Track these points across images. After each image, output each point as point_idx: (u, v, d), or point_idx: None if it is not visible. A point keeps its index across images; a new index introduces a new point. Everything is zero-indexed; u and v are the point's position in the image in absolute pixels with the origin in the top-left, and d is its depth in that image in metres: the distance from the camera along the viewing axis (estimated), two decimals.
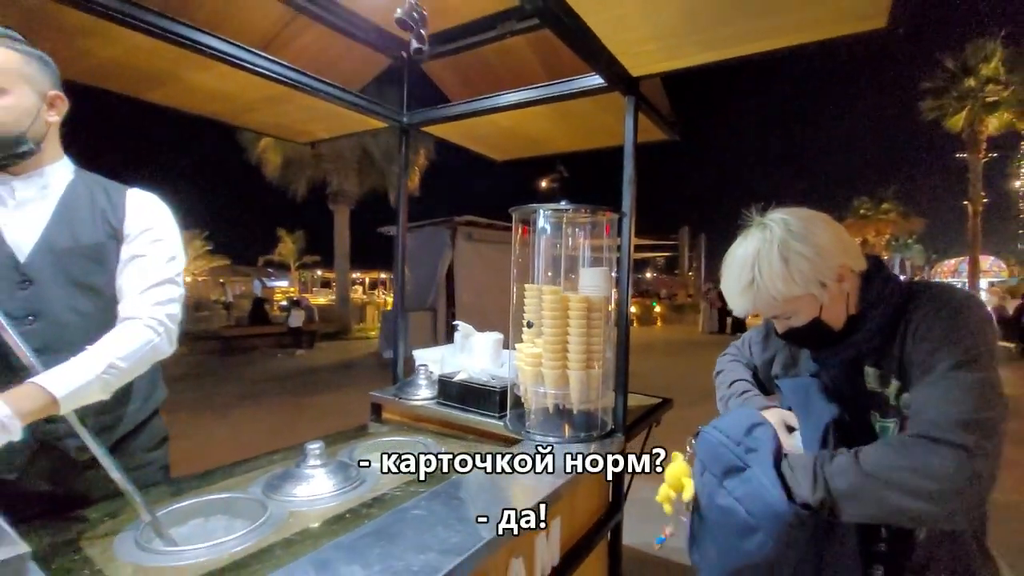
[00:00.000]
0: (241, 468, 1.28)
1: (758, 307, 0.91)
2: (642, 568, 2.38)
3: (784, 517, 0.78)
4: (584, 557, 1.26)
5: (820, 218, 0.90)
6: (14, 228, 0.97)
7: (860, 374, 0.91)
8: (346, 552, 0.81)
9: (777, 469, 0.83)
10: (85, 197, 1.05)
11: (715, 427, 0.95)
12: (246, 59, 1.38)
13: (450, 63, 1.98)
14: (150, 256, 1.07)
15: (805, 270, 0.84)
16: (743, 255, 0.89)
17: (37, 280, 0.97)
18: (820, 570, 0.82)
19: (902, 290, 0.88)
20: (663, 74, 1.40)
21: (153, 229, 1.09)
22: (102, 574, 0.82)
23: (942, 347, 0.78)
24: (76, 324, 1.00)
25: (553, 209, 1.44)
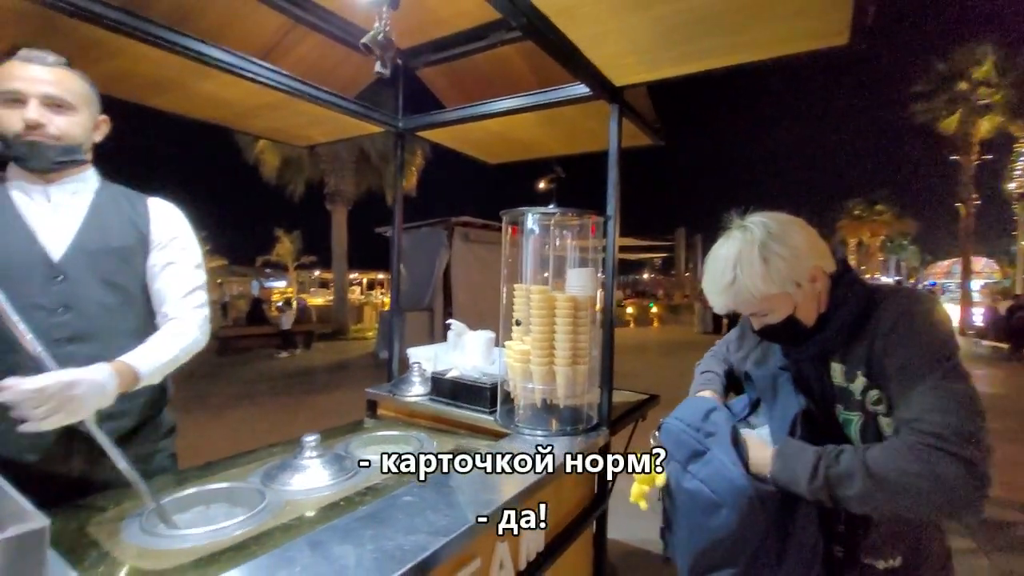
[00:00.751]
0: (241, 460, 1.33)
1: (737, 305, 0.96)
2: (627, 559, 2.44)
3: (745, 491, 0.84)
4: (569, 544, 1.31)
5: (796, 222, 0.96)
6: (49, 229, 1.08)
7: (827, 369, 0.96)
8: (340, 533, 0.87)
9: (736, 448, 0.89)
10: (112, 204, 1.18)
11: (675, 417, 1.01)
12: (247, 68, 1.44)
13: (444, 70, 2.05)
14: (182, 264, 1.23)
15: (782, 270, 0.90)
16: (725, 255, 0.94)
17: (70, 276, 1.08)
18: (784, 551, 0.87)
19: (866, 291, 0.94)
20: (645, 84, 1.46)
21: (179, 237, 1.24)
22: (109, 555, 0.88)
23: (924, 354, 0.82)
24: (101, 316, 1.12)
25: (541, 212, 1.50)
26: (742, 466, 0.87)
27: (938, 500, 0.76)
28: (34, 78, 1.04)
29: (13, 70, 1.03)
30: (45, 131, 1.05)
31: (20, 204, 1.07)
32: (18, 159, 1.06)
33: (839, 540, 0.91)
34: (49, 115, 1.05)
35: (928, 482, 0.76)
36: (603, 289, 1.56)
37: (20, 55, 1.04)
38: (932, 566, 0.92)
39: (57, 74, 1.06)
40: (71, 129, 1.08)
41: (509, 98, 1.74)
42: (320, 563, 0.77)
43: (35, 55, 1.05)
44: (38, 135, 1.04)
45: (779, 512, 0.87)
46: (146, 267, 1.20)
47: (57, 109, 1.06)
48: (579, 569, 1.51)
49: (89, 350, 1.05)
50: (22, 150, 1.04)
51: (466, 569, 0.96)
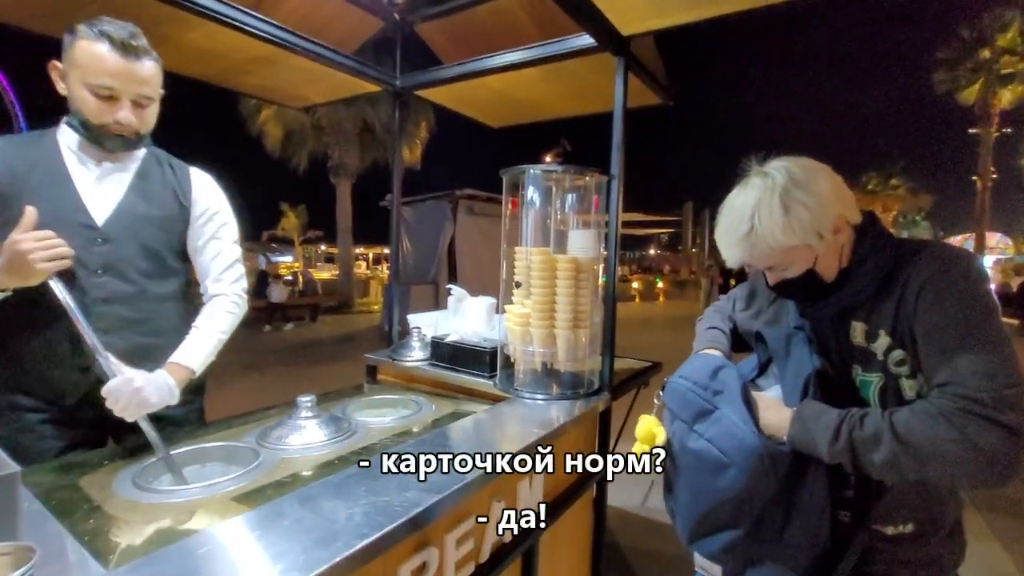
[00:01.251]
0: (237, 421, 1.33)
1: (753, 257, 0.90)
2: (626, 525, 2.46)
3: (756, 450, 0.80)
4: (568, 507, 1.30)
5: (822, 168, 0.88)
6: (96, 193, 1.11)
7: (846, 328, 0.91)
8: (332, 489, 0.85)
9: (747, 405, 0.85)
10: (157, 172, 1.21)
11: (680, 376, 0.96)
12: (234, 17, 1.37)
13: (444, 25, 1.96)
14: (224, 239, 1.29)
15: (805, 220, 0.83)
16: (743, 204, 0.87)
17: (111, 240, 1.12)
18: (789, 514, 0.84)
19: (894, 246, 0.87)
20: (652, 32, 1.38)
21: (221, 212, 1.29)
22: (100, 509, 0.87)
23: (955, 316, 0.76)
24: (138, 280, 1.16)
25: (543, 170, 1.45)
26: (753, 425, 0.83)
27: (973, 468, 0.71)
28: (132, 77, 1.04)
29: (106, 63, 1.01)
30: (131, 127, 1.07)
31: (71, 167, 1.09)
32: (93, 140, 1.08)
33: (847, 505, 0.88)
34: (139, 112, 1.08)
35: (963, 449, 0.70)
36: (606, 251, 1.51)
37: (116, 43, 1.01)
38: (943, 535, 0.89)
39: (150, 71, 1.07)
40: (151, 121, 1.13)
41: (511, 51, 1.67)
42: (309, 517, 0.76)
43: (132, 47, 1.03)
44: (124, 131, 1.07)
45: (788, 475, 0.83)
46: (186, 237, 1.25)
47: (143, 107, 1.09)
48: (579, 531, 1.51)
49: (123, 311, 1.14)
50: (103, 138, 1.07)
51: (461, 527, 0.95)
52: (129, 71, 1.03)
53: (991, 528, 2.58)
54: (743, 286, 1.21)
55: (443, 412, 1.44)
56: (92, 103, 1.03)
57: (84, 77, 1.01)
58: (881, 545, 0.88)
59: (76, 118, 1.06)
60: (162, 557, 0.66)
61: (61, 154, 1.09)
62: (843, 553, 0.85)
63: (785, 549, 0.84)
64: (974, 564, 2.25)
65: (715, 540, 0.89)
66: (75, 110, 1.05)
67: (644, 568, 2.15)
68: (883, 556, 0.88)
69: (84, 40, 1.00)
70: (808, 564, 0.85)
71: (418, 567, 0.85)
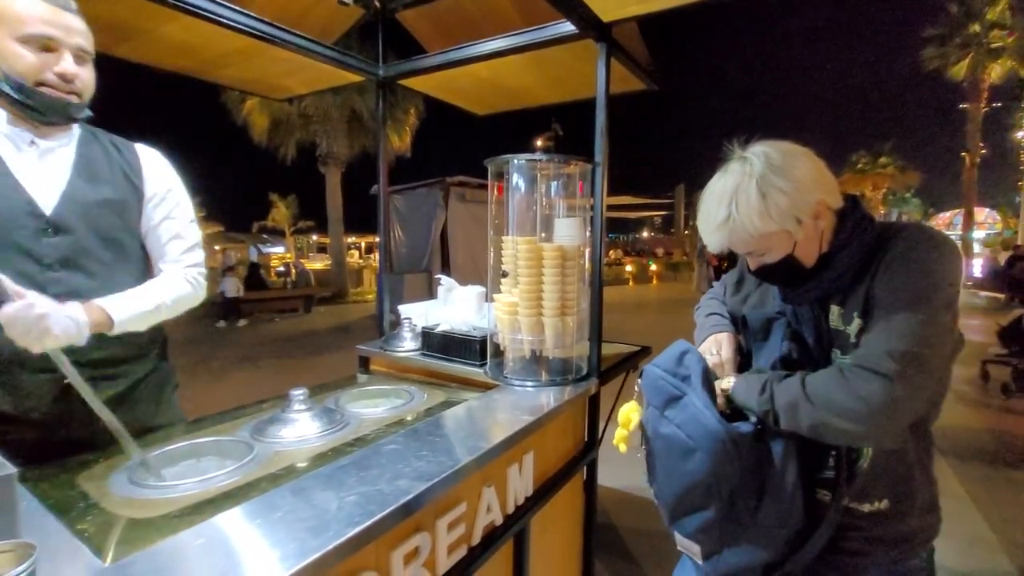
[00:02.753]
0: (231, 415, 1.34)
1: (732, 243, 0.90)
2: (622, 505, 2.52)
3: (718, 435, 0.84)
4: (558, 490, 1.34)
5: (802, 152, 0.88)
6: (36, 178, 1.01)
7: (825, 311, 0.92)
8: (324, 480, 0.87)
9: (707, 389, 0.88)
10: (100, 151, 1.11)
11: (654, 364, 0.98)
12: (210, 9, 1.35)
13: (426, 12, 1.94)
14: (180, 219, 1.21)
15: (783, 205, 0.83)
16: (721, 190, 0.88)
17: (65, 230, 1.02)
18: (762, 497, 0.87)
19: (875, 230, 0.88)
20: (634, 18, 1.38)
21: (174, 190, 1.21)
22: (97, 505, 0.88)
23: (901, 284, 0.79)
24: (99, 273, 1.08)
25: (527, 159, 1.45)
26: (715, 408, 0.86)
27: (855, 415, 0.77)
28: (70, 27, 0.97)
29: (42, 10, 0.94)
30: (74, 86, 1.00)
31: (3, 152, 0.99)
32: (32, 108, 0.98)
33: (825, 485, 0.90)
34: (80, 69, 1.00)
35: (846, 395, 0.78)
36: (591, 238, 1.53)
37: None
38: (918, 511, 0.91)
39: (82, 22, 1.01)
40: (91, 84, 1.04)
41: (494, 39, 1.66)
42: (302, 507, 0.78)
43: (64, 0, 0.98)
44: (67, 89, 0.99)
45: (755, 458, 0.86)
46: (140, 220, 1.16)
47: (82, 62, 1.01)
48: (570, 513, 1.55)
49: None
50: (45, 102, 0.97)
51: (452, 513, 0.97)
52: (65, 20, 0.97)
53: (969, 495, 2.67)
54: (732, 272, 1.21)
55: (435, 401, 1.46)
56: (28, 57, 0.94)
57: (15, 30, 0.92)
58: (858, 523, 0.91)
59: (6, 82, 0.94)
60: (160, 550, 0.68)
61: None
62: (817, 529, 0.88)
63: (759, 530, 0.87)
64: (960, 534, 2.34)
65: (691, 520, 0.91)
66: (4, 72, 0.94)
67: (636, 546, 2.21)
68: (860, 534, 0.91)
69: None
70: (782, 544, 0.88)
71: (411, 552, 0.88)
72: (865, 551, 0.90)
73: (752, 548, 0.89)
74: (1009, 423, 3.77)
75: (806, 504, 0.88)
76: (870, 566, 0.91)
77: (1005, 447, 3.34)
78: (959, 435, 3.53)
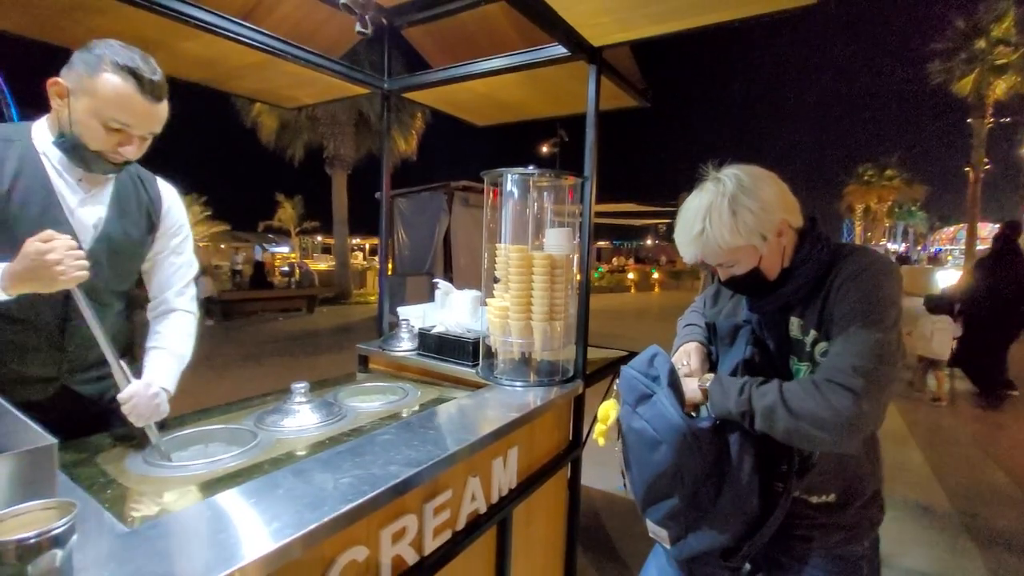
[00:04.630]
0: (236, 406, 1.43)
1: (705, 255, 1.00)
2: (606, 508, 2.59)
3: (680, 429, 0.92)
4: (541, 484, 1.42)
5: (768, 176, 0.98)
6: (80, 216, 1.09)
7: (786, 322, 1.02)
8: (321, 464, 0.96)
9: (672, 388, 0.96)
10: (131, 191, 1.18)
11: (630, 365, 1.07)
12: (228, 28, 1.46)
13: (430, 30, 2.04)
14: (186, 255, 1.31)
15: (750, 222, 0.92)
16: (696, 206, 0.97)
17: (95, 262, 1.06)
18: (721, 487, 0.96)
19: (829, 250, 0.98)
20: (622, 44, 1.48)
21: (184, 226, 1.30)
22: (115, 482, 0.98)
23: (857, 307, 0.89)
24: (109, 301, 1.19)
25: (520, 173, 1.54)
26: (679, 406, 0.95)
27: (828, 424, 0.85)
28: (151, 118, 1.03)
29: (131, 102, 0.98)
30: (126, 157, 1.05)
31: (56, 185, 1.05)
32: (79, 160, 1.03)
33: (780, 478, 0.98)
34: (140, 145, 1.06)
35: (820, 406, 0.85)
36: (579, 248, 1.61)
37: (144, 84, 0.99)
38: (862, 502, 1.01)
39: (166, 111, 1.06)
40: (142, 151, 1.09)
41: (492, 58, 1.76)
42: (301, 486, 0.87)
43: (157, 86, 1.01)
44: (118, 160, 1.04)
45: (715, 450, 0.95)
46: (146, 251, 1.24)
47: (144, 142, 1.07)
48: (554, 507, 1.63)
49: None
50: (91, 160, 1.03)
51: (438, 498, 1.06)
52: (151, 113, 1.02)
53: (955, 509, 2.73)
54: (712, 286, 1.31)
55: (428, 398, 1.55)
56: (100, 134, 0.99)
57: (101, 110, 0.97)
58: (807, 512, 1.01)
59: (70, 140, 1.00)
60: (174, 519, 0.77)
61: (43, 167, 1.04)
62: (770, 516, 0.96)
63: (718, 516, 0.96)
64: (937, 541, 2.40)
65: (660, 508, 1.00)
66: (71, 132, 0.99)
67: (622, 546, 2.29)
68: (807, 522, 1.01)
69: (108, 73, 0.96)
70: (740, 529, 0.97)
71: (399, 531, 0.97)
72: (812, 537, 1.00)
73: (713, 532, 0.97)
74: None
75: (762, 494, 0.97)
76: (817, 550, 1.01)
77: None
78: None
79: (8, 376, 1.09)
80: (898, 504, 2.75)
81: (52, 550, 0.56)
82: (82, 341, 1.13)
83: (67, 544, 0.58)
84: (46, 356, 1.12)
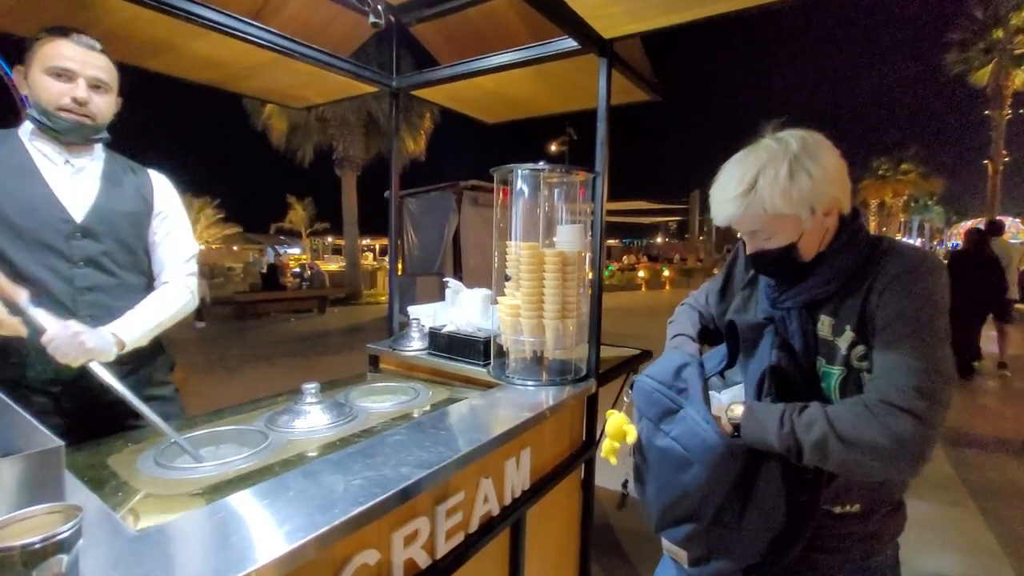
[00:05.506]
0: (248, 407, 1.43)
1: (745, 217, 0.91)
2: (627, 507, 2.56)
3: (717, 448, 0.85)
4: (554, 485, 1.40)
5: (832, 148, 0.89)
6: (70, 192, 1.21)
7: (814, 321, 0.94)
8: (332, 465, 0.94)
9: (706, 404, 0.89)
10: (122, 172, 1.32)
11: (647, 375, 1.00)
12: (236, 27, 1.45)
13: (438, 26, 2.02)
14: (180, 234, 1.41)
15: (805, 190, 0.84)
16: (749, 162, 0.89)
17: (90, 235, 1.22)
18: (746, 505, 0.89)
19: (868, 242, 0.89)
20: (633, 36, 1.44)
21: (177, 209, 1.41)
22: (127, 484, 0.97)
23: (909, 314, 0.81)
24: (115, 271, 1.28)
25: (531, 169, 1.52)
26: (714, 422, 0.87)
27: (888, 452, 0.76)
28: (86, 60, 1.16)
29: (64, 49, 1.14)
30: (88, 109, 1.17)
31: (43, 169, 1.18)
32: (54, 131, 1.17)
33: (804, 488, 0.91)
34: (93, 96, 1.18)
35: (878, 434, 0.77)
36: (591, 245, 1.59)
37: (72, 37, 1.15)
38: (885, 512, 0.95)
39: (102, 59, 1.19)
40: (107, 109, 1.23)
41: (501, 54, 1.73)
42: (311, 488, 0.85)
43: (85, 40, 1.17)
44: (81, 113, 1.16)
45: (744, 467, 0.87)
46: (148, 232, 1.36)
47: (97, 90, 1.19)
48: (567, 509, 1.60)
49: (106, 299, 1.24)
50: (62, 124, 1.16)
51: (451, 500, 1.04)
52: (84, 55, 1.16)
53: (978, 507, 2.66)
54: (716, 280, 1.22)
55: (439, 398, 1.54)
56: (50, 85, 1.13)
57: (44, 63, 1.13)
58: (829, 523, 0.94)
59: (36, 108, 1.15)
60: (183, 521, 0.76)
61: (28, 152, 1.17)
62: (798, 531, 0.90)
63: (744, 534, 0.89)
64: (961, 540, 2.34)
65: (680, 530, 0.94)
66: (34, 101, 1.15)
67: (636, 548, 2.26)
68: (830, 532, 0.94)
69: (45, 37, 1.14)
70: (765, 546, 0.90)
71: (411, 534, 0.95)
72: (835, 549, 0.94)
73: (737, 552, 0.91)
74: None
75: (788, 506, 0.89)
76: (842, 563, 0.95)
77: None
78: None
79: (34, 348, 1.13)
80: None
81: (58, 555, 0.55)
82: (95, 312, 1.22)
83: (73, 549, 0.56)
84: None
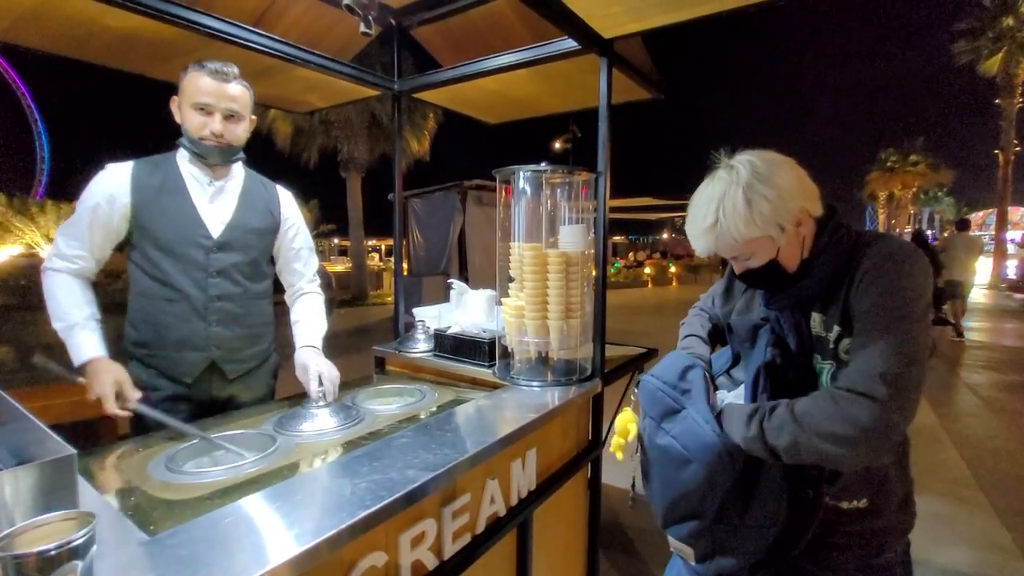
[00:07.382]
0: (256, 410, 1.45)
1: (718, 248, 0.94)
2: (625, 506, 2.56)
3: (715, 448, 0.86)
4: (560, 485, 1.40)
5: (785, 162, 0.91)
6: (211, 211, 1.38)
7: (807, 319, 0.95)
8: (339, 469, 0.96)
9: (709, 404, 0.90)
10: (257, 191, 1.48)
11: (652, 375, 1.02)
12: (239, 35, 1.47)
13: (440, 28, 2.03)
14: (308, 248, 1.63)
15: (766, 212, 0.86)
16: (708, 196, 0.91)
17: (225, 248, 1.39)
18: (749, 502, 0.90)
19: (850, 239, 0.91)
20: (634, 35, 1.44)
21: (300, 218, 1.60)
22: (138, 488, 0.99)
23: (879, 302, 0.82)
24: (241, 281, 1.43)
25: (532, 170, 1.52)
26: (715, 423, 0.88)
27: (852, 440, 0.77)
28: (222, 95, 1.30)
29: (202, 84, 1.28)
30: (223, 139, 1.32)
31: (192, 190, 1.36)
32: (199, 155, 1.34)
33: (810, 483, 0.92)
34: (228, 126, 1.33)
35: (840, 422, 0.78)
36: (595, 245, 1.59)
37: (210, 70, 1.28)
38: (894, 507, 0.95)
39: (237, 91, 1.33)
40: (241, 135, 1.38)
41: (502, 55, 1.73)
42: (318, 492, 0.86)
43: (223, 72, 1.30)
44: (218, 142, 1.32)
45: (746, 465, 0.89)
46: (275, 245, 1.54)
47: (231, 119, 1.34)
48: (574, 508, 1.61)
49: (231, 307, 1.41)
50: (205, 150, 1.33)
51: (457, 502, 1.05)
52: (220, 90, 1.29)
53: (993, 506, 2.63)
54: (720, 281, 1.24)
55: (445, 399, 1.54)
56: (194, 118, 1.29)
57: (189, 99, 1.28)
58: (837, 519, 0.94)
59: (185, 137, 1.33)
60: (194, 526, 0.77)
61: (181, 175, 1.35)
62: (803, 526, 0.91)
63: (748, 530, 0.90)
64: (976, 539, 2.32)
65: (684, 527, 0.95)
66: (184, 131, 1.32)
67: (643, 545, 2.26)
68: (839, 528, 0.94)
69: (190, 73, 1.28)
70: (770, 542, 0.90)
71: (418, 536, 0.96)
72: (845, 545, 0.94)
73: (742, 548, 0.92)
74: None
75: (791, 502, 0.90)
76: (852, 559, 0.94)
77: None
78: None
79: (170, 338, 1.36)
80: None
81: (72, 561, 0.56)
82: (222, 318, 1.40)
83: (87, 555, 0.58)
84: (195, 326, 1.36)
